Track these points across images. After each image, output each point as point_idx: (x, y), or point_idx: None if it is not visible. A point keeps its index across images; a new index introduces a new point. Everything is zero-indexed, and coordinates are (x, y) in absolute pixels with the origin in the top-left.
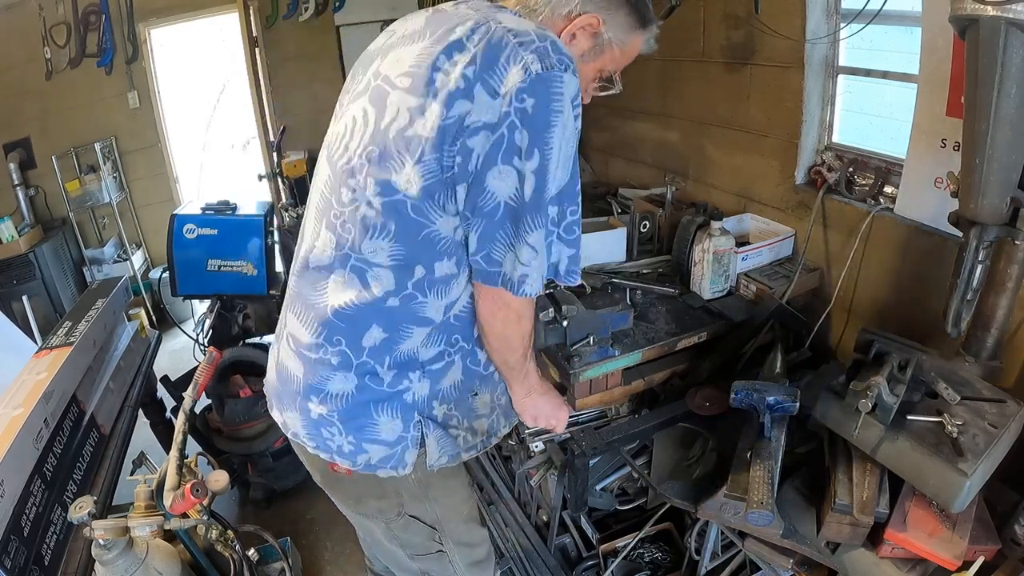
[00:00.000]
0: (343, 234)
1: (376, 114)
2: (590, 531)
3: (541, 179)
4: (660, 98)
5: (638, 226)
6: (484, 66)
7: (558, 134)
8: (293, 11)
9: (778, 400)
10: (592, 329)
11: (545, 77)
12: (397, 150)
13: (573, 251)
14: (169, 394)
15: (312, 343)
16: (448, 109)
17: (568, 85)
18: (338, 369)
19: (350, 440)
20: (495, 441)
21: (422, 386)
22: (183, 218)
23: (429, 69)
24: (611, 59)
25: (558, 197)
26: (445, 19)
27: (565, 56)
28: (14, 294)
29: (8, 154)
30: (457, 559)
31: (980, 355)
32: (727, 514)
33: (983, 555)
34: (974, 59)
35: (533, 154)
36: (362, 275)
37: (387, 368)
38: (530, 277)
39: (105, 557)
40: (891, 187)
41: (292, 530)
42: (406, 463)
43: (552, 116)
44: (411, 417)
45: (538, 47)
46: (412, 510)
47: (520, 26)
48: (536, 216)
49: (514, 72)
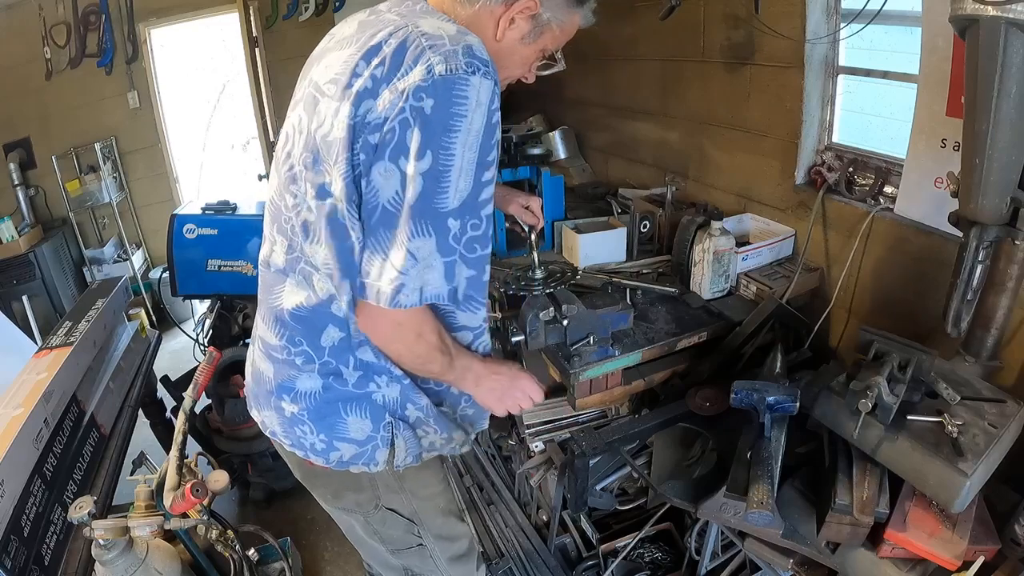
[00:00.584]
0: (292, 238)
1: (308, 121)
2: (590, 531)
3: (432, 184)
4: (660, 98)
5: (638, 226)
6: (392, 66)
7: (460, 139)
8: (293, 11)
9: (778, 400)
10: (592, 329)
11: (449, 79)
12: (324, 154)
13: (473, 273)
14: (169, 394)
15: (277, 344)
16: (356, 108)
17: (476, 89)
18: (303, 369)
19: (322, 438)
20: (459, 448)
21: (391, 390)
22: (183, 218)
23: (350, 75)
24: (551, 38)
25: (460, 210)
26: (373, 24)
27: (477, 60)
28: (14, 294)
29: (8, 154)
30: (437, 553)
31: (980, 355)
32: (727, 514)
33: (983, 555)
34: (974, 59)
35: (425, 156)
36: (308, 278)
37: (352, 369)
38: (406, 287)
39: (105, 557)
40: (891, 187)
41: (292, 530)
42: (377, 461)
43: (453, 119)
44: (381, 418)
45: (448, 50)
46: (388, 502)
47: (437, 30)
48: (422, 223)
49: (417, 71)
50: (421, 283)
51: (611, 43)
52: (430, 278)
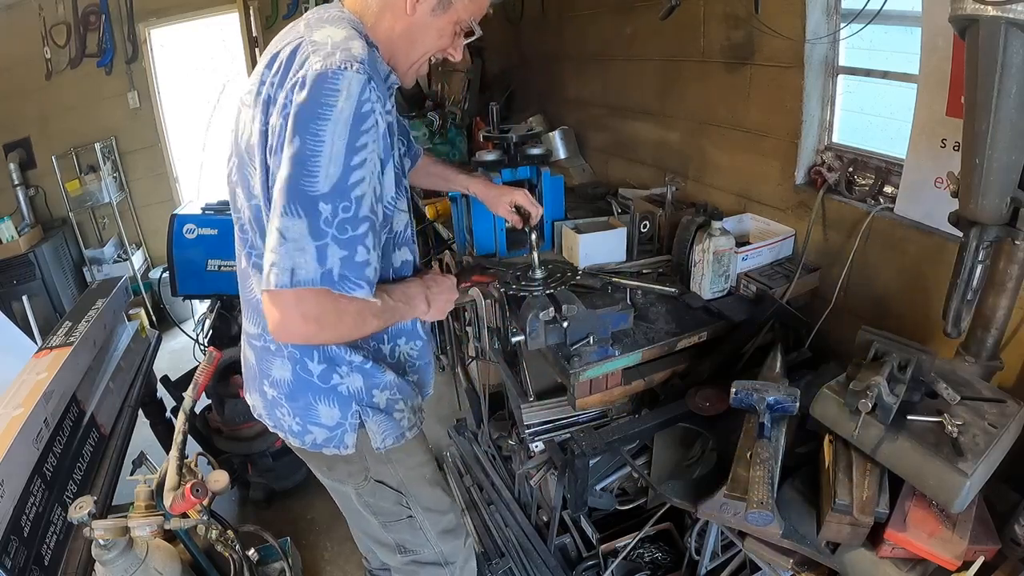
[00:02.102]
0: (243, 236)
1: (235, 129)
2: (590, 531)
3: (300, 167)
4: (660, 98)
5: (638, 226)
6: (283, 74)
7: (329, 127)
8: (293, 11)
9: (778, 400)
10: (592, 329)
11: (322, 74)
12: (248, 159)
13: (346, 253)
14: (169, 394)
15: (255, 332)
16: (264, 116)
17: (348, 80)
18: (276, 355)
19: (297, 421)
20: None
21: (354, 379)
22: (183, 218)
23: (258, 83)
24: (463, 8)
25: (331, 194)
26: (282, 36)
27: (352, 58)
28: (14, 294)
29: (8, 154)
30: (427, 525)
31: (980, 355)
32: (727, 514)
33: (983, 555)
34: (974, 59)
35: (294, 141)
36: (260, 269)
37: (316, 362)
38: (276, 267)
39: (105, 557)
40: (891, 187)
41: (292, 530)
42: (347, 444)
43: (322, 108)
44: (348, 407)
45: (327, 52)
46: (377, 474)
47: (325, 38)
48: (292, 204)
49: (299, 72)
50: (292, 264)
51: (611, 43)
52: (301, 260)
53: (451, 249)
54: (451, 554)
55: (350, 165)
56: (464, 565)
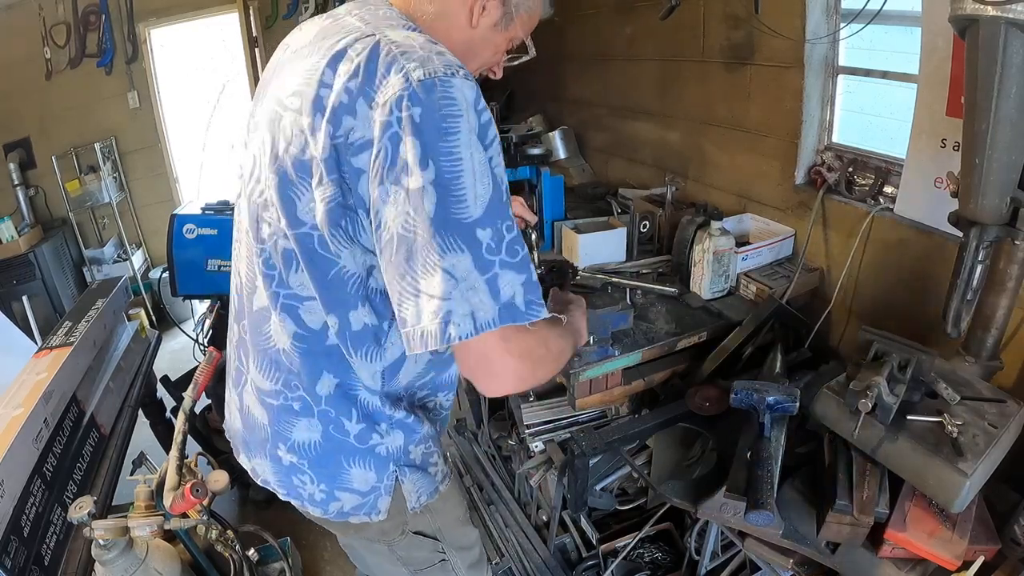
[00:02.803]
0: (269, 271)
1: (273, 141)
2: (590, 531)
3: (445, 193)
4: (660, 98)
5: (638, 226)
6: (366, 77)
7: (463, 143)
8: (293, 11)
9: (778, 400)
10: (592, 329)
11: (429, 83)
12: (298, 176)
13: (524, 276)
14: (169, 394)
15: (272, 389)
16: (335, 127)
17: (460, 89)
18: (301, 415)
19: (322, 488)
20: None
21: (394, 438)
22: (183, 218)
23: (317, 86)
24: (520, 25)
25: (487, 216)
26: (333, 30)
27: (453, 63)
28: (14, 294)
29: (8, 154)
30: (459, 563)
31: (980, 355)
32: (727, 514)
33: (983, 555)
34: (974, 59)
35: (428, 166)
36: (294, 312)
37: (354, 421)
38: (455, 314)
39: (105, 557)
40: (891, 187)
41: (292, 530)
42: (379, 510)
43: (448, 122)
44: (385, 468)
45: (421, 55)
46: (415, 526)
47: (405, 39)
48: (450, 238)
49: (394, 80)
50: (471, 307)
51: (611, 43)
52: (477, 301)
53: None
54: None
55: (498, 181)
56: None
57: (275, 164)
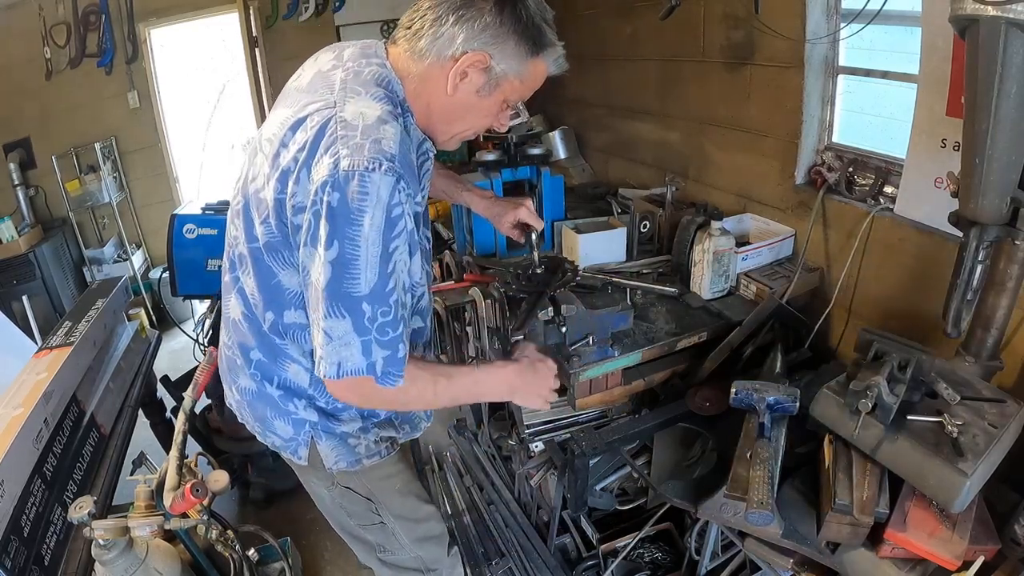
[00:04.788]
0: (234, 262)
1: (247, 168)
2: (590, 531)
3: (340, 271)
4: (660, 98)
5: (638, 226)
6: (309, 153)
7: (363, 233)
8: (293, 11)
9: (778, 400)
10: (592, 329)
11: (350, 174)
12: (253, 205)
13: (388, 352)
14: (169, 394)
15: (227, 342)
16: (282, 186)
17: (376, 185)
18: (240, 370)
19: (257, 424)
20: (397, 447)
21: (309, 413)
22: (183, 218)
23: (279, 144)
24: (511, 89)
25: (371, 296)
26: (320, 84)
27: (382, 155)
28: (14, 294)
29: (8, 154)
30: (400, 532)
31: (980, 355)
32: (727, 514)
33: (983, 555)
34: (974, 59)
35: (332, 245)
36: (244, 297)
37: (274, 387)
38: (325, 361)
39: (105, 557)
40: (891, 187)
41: (292, 530)
42: (300, 456)
43: (355, 214)
44: (302, 427)
45: (356, 143)
46: (343, 480)
47: (356, 118)
48: (335, 305)
49: (325, 163)
50: (339, 359)
51: (611, 43)
52: (347, 354)
53: (451, 249)
54: (432, 561)
55: (386, 272)
56: (450, 572)
57: (244, 189)
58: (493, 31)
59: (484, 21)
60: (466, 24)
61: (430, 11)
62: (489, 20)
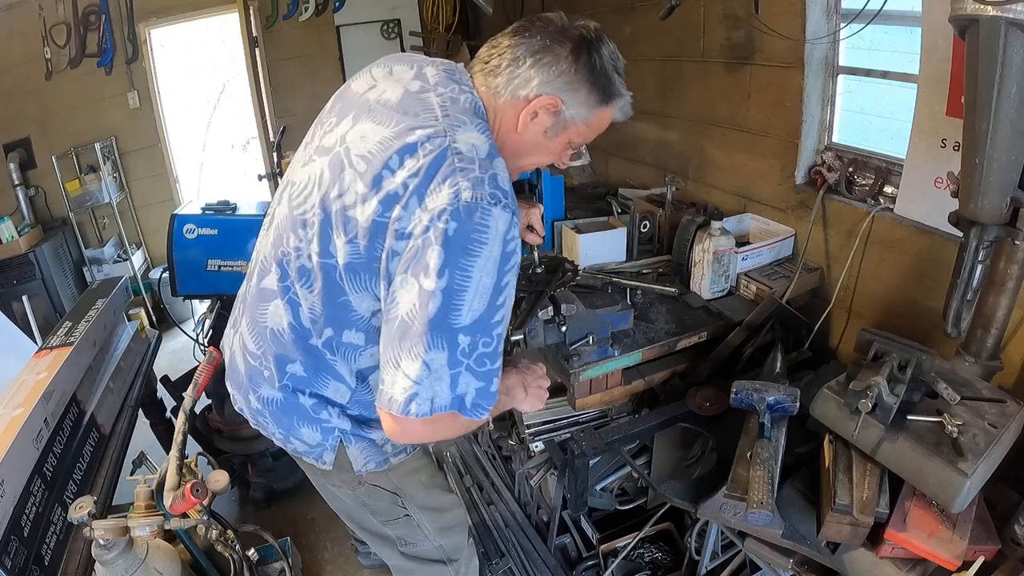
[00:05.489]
0: (287, 271)
1: (330, 181)
2: (590, 531)
3: (448, 301)
4: (660, 98)
5: (638, 226)
6: (423, 180)
7: (479, 264)
8: (293, 11)
9: (778, 400)
10: (592, 329)
11: (472, 206)
12: (338, 222)
13: (482, 384)
14: (169, 394)
15: (254, 351)
16: (385, 208)
17: (496, 219)
18: (267, 381)
19: (279, 432)
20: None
21: (342, 421)
22: (183, 218)
23: (381, 166)
24: (577, 133)
25: (472, 327)
26: (416, 108)
27: (500, 192)
28: (14, 294)
29: (8, 154)
30: (425, 523)
31: (980, 355)
32: (727, 514)
33: (983, 555)
34: (974, 59)
35: (444, 274)
36: (296, 308)
37: (307, 396)
38: (419, 397)
39: (105, 557)
40: (891, 187)
41: (292, 530)
42: (326, 461)
43: (474, 245)
44: (331, 434)
45: (476, 177)
46: (371, 479)
47: (470, 150)
48: (437, 336)
49: (445, 192)
50: (432, 394)
51: None
52: (439, 389)
53: None
54: (454, 550)
55: (495, 304)
56: (468, 563)
57: (325, 202)
58: (568, 78)
59: (560, 67)
60: (543, 68)
61: (509, 50)
62: (565, 67)
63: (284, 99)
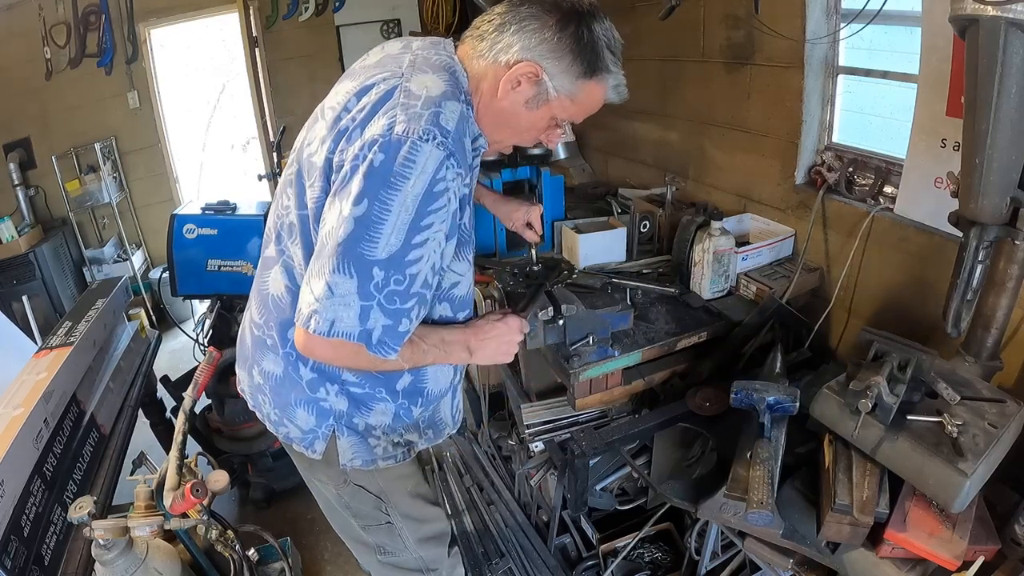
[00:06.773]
0: (281, 232)
1: (305, 137)
2: (590, 531)
3: (362, 230)
4: (660, 98)
5: (638, 226)
6: (368, 114)
7: (398, 199)
8: (293, 11)
9: (778, 400)
10: (592, 329)
11: (402, 139)
12: (306, 170)
13: (390, 322)
14: (169, 394)
15: (258, 321)
16: (335, 145)
17: (426, 156)
18: (271, 350)
19: (275, 412)
20: (414, 453)
21: (339, 401)
22: (183, 218)
23: (341, 109)
24: (561, 107)
25: (386, 262)
26: (387, 63)
27: (437, 129)
28: (14, 294)
29: (8, 154)
30: (406, 532)
31: (980, 355)
32: (727, 514)
33: (983, 555)
34: (974, 59)
35: (361, 202)
36: (290, 271)
37: (308, 368)
38: (319, 315)
39: (105, 557)
40: (891, 187)
41: (292, 530)
42: (316, 450)
43: (396, 179)
44: (325, 419)
45: (414, 112)
46: (356, 479)
47: (421, 88)
48: (345, 262)
49: (379, 123)
50: (333, 316)
51: None
52: (344, 315)
53: None
54: (433, 561)
55: (411, 242)
56: (451, 572)
57: (298, 157)
58: (550, 45)
59: (544, 35)
60: (526, 34)
61: (498, 17)
62: (548, 35)
63: (284, 99)
